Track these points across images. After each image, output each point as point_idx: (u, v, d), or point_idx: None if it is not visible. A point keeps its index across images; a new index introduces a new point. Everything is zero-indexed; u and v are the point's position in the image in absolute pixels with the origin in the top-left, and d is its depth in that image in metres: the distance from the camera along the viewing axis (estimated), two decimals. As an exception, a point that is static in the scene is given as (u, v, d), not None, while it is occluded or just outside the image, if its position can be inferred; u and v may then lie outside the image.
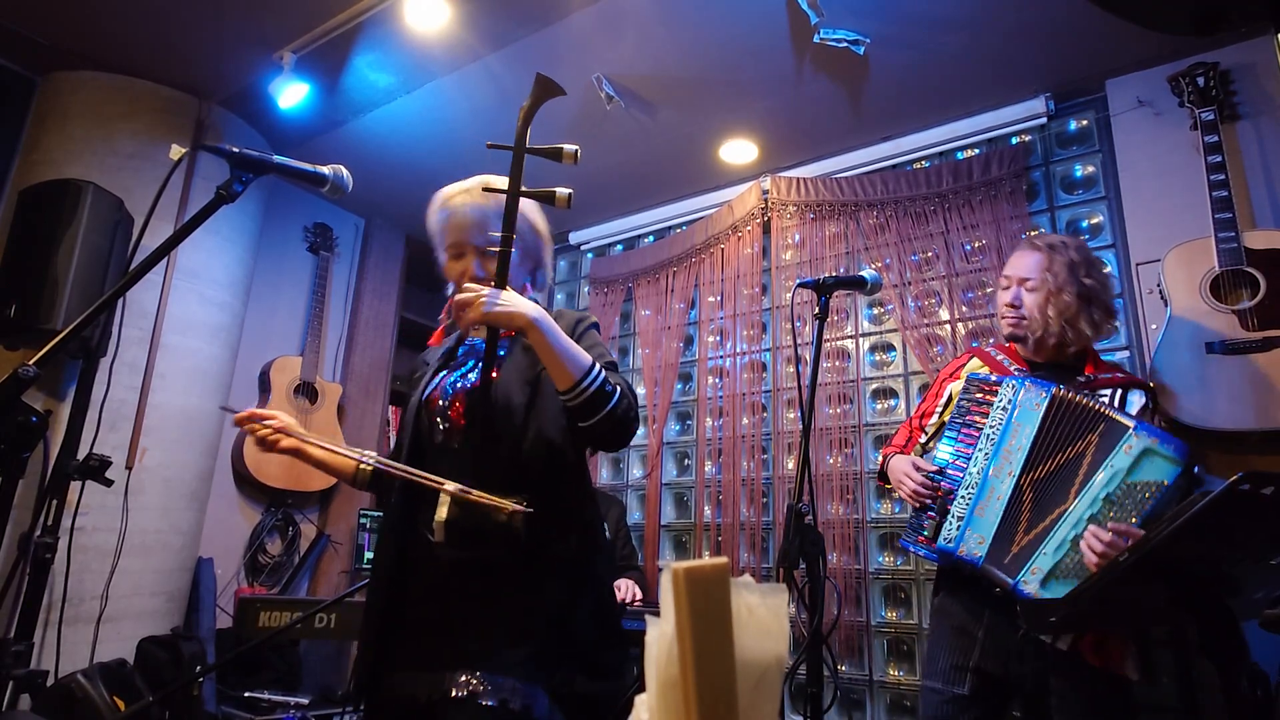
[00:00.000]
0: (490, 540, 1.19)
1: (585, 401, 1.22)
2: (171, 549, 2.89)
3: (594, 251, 4.09)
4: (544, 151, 1.32)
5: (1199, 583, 1.14)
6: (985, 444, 1.70)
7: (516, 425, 1.28)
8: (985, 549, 1.61)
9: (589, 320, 1.43)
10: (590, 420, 1.23)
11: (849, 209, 3.18)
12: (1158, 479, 1.49)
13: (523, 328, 1.22)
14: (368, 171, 3.47)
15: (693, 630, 0.44)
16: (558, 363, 1.22)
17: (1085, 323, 1.76)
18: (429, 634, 1.24)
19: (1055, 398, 1.65)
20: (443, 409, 1.35)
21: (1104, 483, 1.53)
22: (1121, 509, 1.50)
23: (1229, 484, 0.94)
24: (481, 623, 1.22)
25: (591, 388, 1.22)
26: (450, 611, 1.24)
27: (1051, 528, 1.57)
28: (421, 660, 1.23)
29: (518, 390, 1.31)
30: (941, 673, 1.71)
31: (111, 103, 2.93)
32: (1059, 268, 1.79)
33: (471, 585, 1.24)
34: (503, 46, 2.74)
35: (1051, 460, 1.63)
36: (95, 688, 2.12)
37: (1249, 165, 2.43)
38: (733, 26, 2.61)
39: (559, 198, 1.31)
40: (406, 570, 1.30)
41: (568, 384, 1.22)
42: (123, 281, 1.07)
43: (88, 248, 2.50)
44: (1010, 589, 1.55)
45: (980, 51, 2.68)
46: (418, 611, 1.27)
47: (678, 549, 3.39)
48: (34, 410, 1.12)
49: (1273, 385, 2.07)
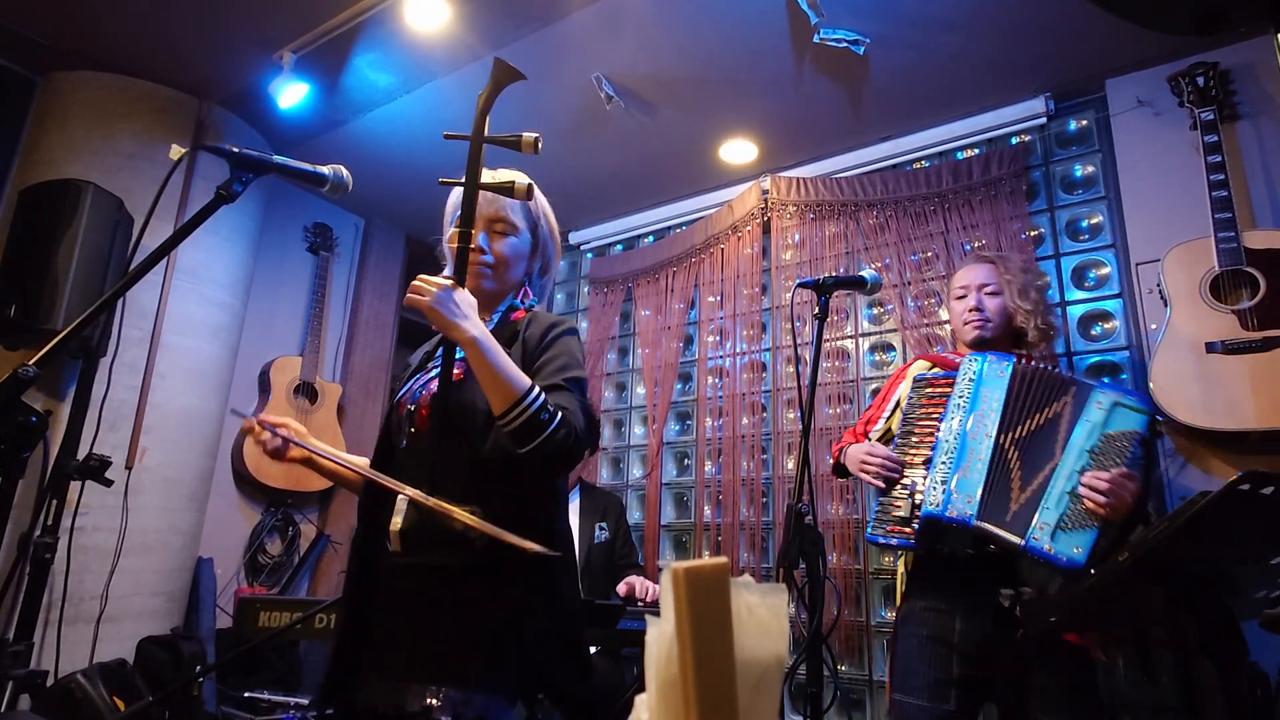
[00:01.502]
0: (445, 548, 1.15)
1: (519, 427, 1.17)
2: (171, 549, 2.89)
3: (594, 251, 4.09)
4: (503, 141, 1.29)
5: (1199, 583, 1.14)
6: (957, 411, 1.75)
7: (475, 428, 1.24)
8: (976, 507, 1.62)
9: (564, 326, 1.38)
10: (525, 447, 1.17)
11: (849, 209, 3.18)
12: (1131, 428, 1.61)
13: (459, 342, 1.18)
14: (368, 171, 3.47)
15: (693, 630, 0.44)
16: (490, 385, 1.18)
17: (1043, 321, 1.91)
18: (391, 643, 1.23)
19: (1018, 365, 1.76)
20: (410, 412, 1.34)
21: (1085, 437, 1.63)
22: (1106, 458, 1.59)
23: (1229, 484, 0.94)
24: (440, 633, 1.20)
25: (527, 413, 1.17)
26: (410, 621, 1.22)
27: (1048, 483, 1.61)
28: (384, 670, 1.22)
29: (480, 395, 1.25)
30: (925, 689, 1.68)
31: (111, 103, 2.93)
32: (1014, 273, 1.94)
33: (430, 594, 1.21)
34: (503, 46, 2.74)
35: (1030, 420, 1.70)
36: (95, 688, 2.12)
37: (1249, 165, 2.43)
38: (733, 26, 2.61)
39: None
40: (372, 578, 1.29)
41: (500, 408, 1.17)
42: (123, 281, 1.07)
43: (88, 248, 2.50)
44: (1021, 547, 1.56)
45: (980, 51, 2.68)
46: (381, 620, 1.26)
47: (678, 549, 3.39)
48: (34, 410, 1.12)
49: (1273, 385, 2.07)
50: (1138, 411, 1.63)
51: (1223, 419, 2.12)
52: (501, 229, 1.40)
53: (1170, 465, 2.34)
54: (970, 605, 1.69)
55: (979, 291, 1.95)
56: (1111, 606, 1.35)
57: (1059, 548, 1.54)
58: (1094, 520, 1.54)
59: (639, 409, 3.67)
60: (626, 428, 3.70)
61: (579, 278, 4.15)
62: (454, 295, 1.20)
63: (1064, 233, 2.81)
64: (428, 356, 1.48)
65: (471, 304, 1.23)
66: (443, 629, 1.20)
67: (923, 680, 1.68)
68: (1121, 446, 1.60)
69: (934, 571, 1.76)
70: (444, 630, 1.20)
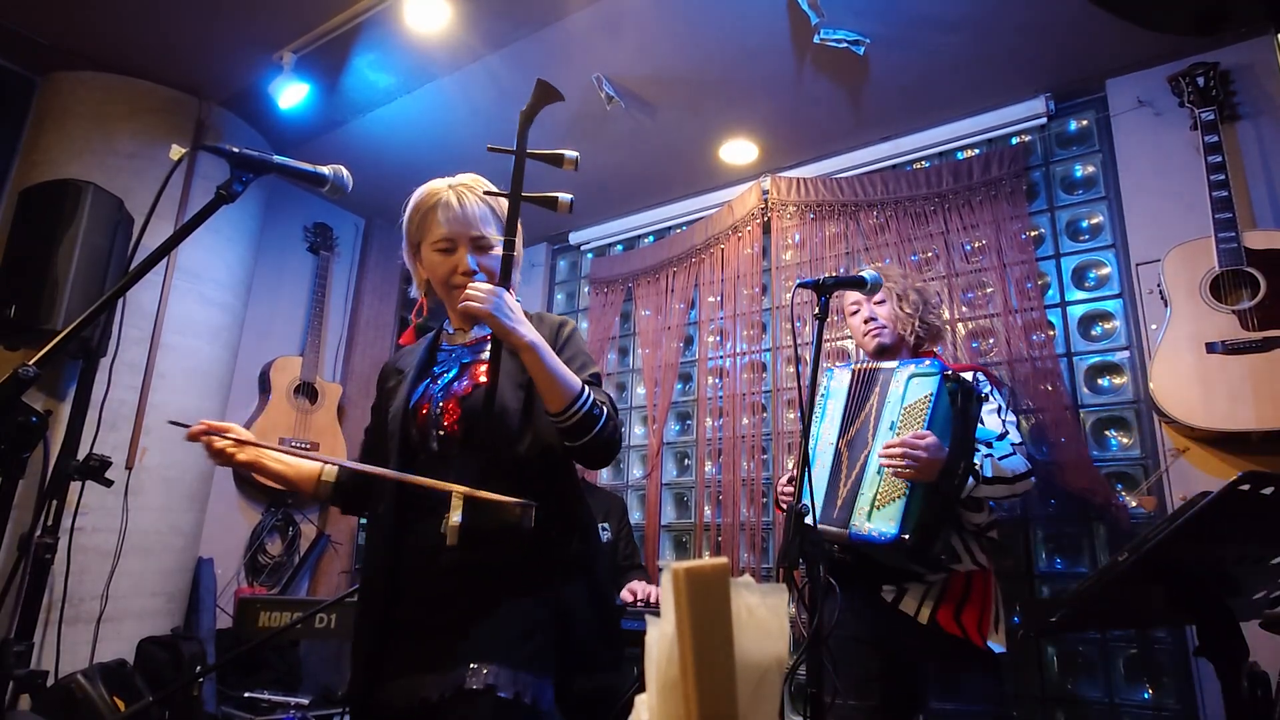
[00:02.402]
0: (500, 541, 1.18)
1: (575, 424, 1.24)
2: (171, 549, 2.89)
3: (594, 251, 4.09)
4: (545, 157, 1.33)
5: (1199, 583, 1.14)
6: (815, 424, 1.90)
7: (514, 430, 1.29)
8: (818, 511, 1.75)
9: (570, 325, 1.43)
10: (579, 441, 1.25)
11: (849, 209, 3.18)
12: (925, 393, 1.73)
13: (517, 347, 1.22)
14: (368, 171, 3.47)
15: (693, 630, 0.44)
16: (549, 387, 1.23)
17: (923, 323, 2.03)
18: (433, 638, 1.23)
19: (855, 371, 1.92)
20: (435, 418, 1.34)
21: (889, 415, 1.77)
22: (908, 429, 1.71)
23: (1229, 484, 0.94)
24: (489, 622, 1.21)
25: (581, 411, 1.24)
26: (456, 616, 1.23)
27: (864, 469, 1.76)
28: (426, 663, 1.22)
29: (512, 395, 1.30)
30: (851, 688, 1.75)
31: (111, 103, 2.93)
32: (894, 279, 2.07)
33: (477, 588, 1.23)
34: (503, 46, 2.74)
35: (857, 420, 1.86)
36: (95, 688, 2.12)
37: (1249, 165, 2.43)
38: (733, 26, 2.61)
39: (560, 204, 1.32)
40: (403, 579, 1.29)
41: (558, 408, 1.23)
42: (123, 281, 1.07)
43: (88, 248, 2.50)
44: (849, 538, 1.70)
45: (980, 51, 2.68)
46: (419, 618, 1.26)
47: (678, 549, 3.39)
48: (34, 410, 1.12)
49: (1273, 385, 2.07)
50: (929, 376, 1.74)
51: (1223, 419, 2.12)
52: (485, 245, 1.41)
53: (1170, 465, 2.34)
54: (864, 604, 1.81)
55: (869, 303, 2.09)
56: (1111, 606, 1.34)
57: (874, 525, 1.66)
58: (902, 487, 1.65)
59: (639, 409, 3.67)
60: (627, 428, 3.70)
61: (579, 278, 4.15)
62: (506, 300, 1.24)
63: (1064, 233, 2.81)
64: (427, 361, 1.47)
65: (518, 308, 1.27)
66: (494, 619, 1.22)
67: (848, 680, 1.74)
68: (919, 411, 1.71)
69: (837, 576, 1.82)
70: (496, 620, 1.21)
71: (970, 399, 1.72)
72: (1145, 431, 2.49)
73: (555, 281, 4.27)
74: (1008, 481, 1.78)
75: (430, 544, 1.23)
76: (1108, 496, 2.41)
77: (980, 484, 1.75)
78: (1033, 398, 2.59)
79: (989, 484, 1.76)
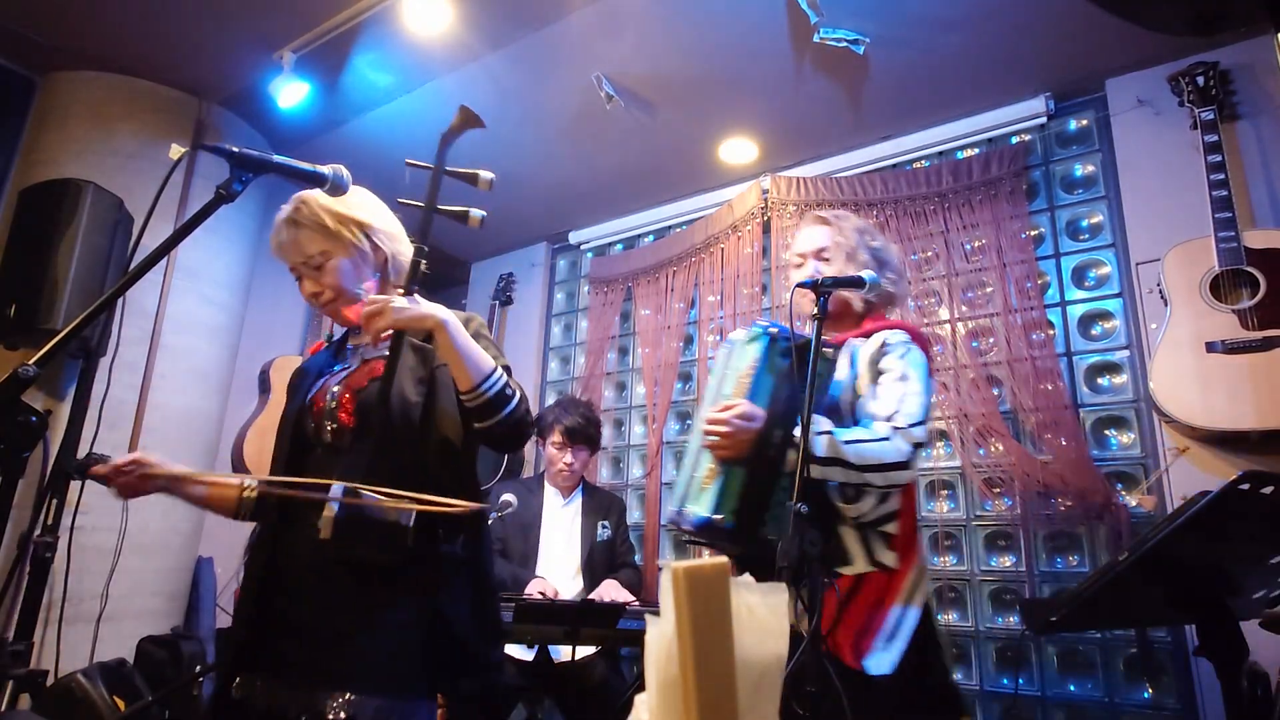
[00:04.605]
0: (378, 540, 1.16)
1: (485, 403, 1.24)
2: (171, 549, 2.89)
3: (594, 251, 4.09)
4: (462, 175, 1.41)
5: (1199, 582, 1.14)
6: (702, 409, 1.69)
7: (414, 424, 1.27)
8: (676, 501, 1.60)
9: (476, 320, 1.42)
10: (488, 421, 1.26)
11: (849, 208, 3.17)
12: (750, 359, 1.56)
13: (432, 329, 1.23)
14: (368, 171, 3.47)
15: (693, 630, 0.44)
16: (461, 364, 1.23)
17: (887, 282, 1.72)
18: (303, 648, 1.21)
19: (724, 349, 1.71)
20: (330, 410, 1.33)
21: (726, 386, 1.59)
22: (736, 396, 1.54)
23: (1229, 484, 0.94)
24: (360, 638, 1.20)
25: (492, 389, 1.24)
26: (328, 625, 1.21)
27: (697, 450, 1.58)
28: (292, 676, 1.20)
29: (411, 388, 1.29)
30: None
31: (111, 103, 2.93)
32: (847, 233, 1.78)
33: (353, 591, 1.21)
34: (503, 46, 2.74)
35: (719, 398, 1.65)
36: (95, 687, 2.12)
37: (1249, 165, 2.43)
38: (733, 26, 2.61)
39: (471, 219, 1.38)
40: (282, 578, 1.27)
41: (469, 385, 1.24)
42: (123, 281, 1.07)
43: (88, 248, 2.50)
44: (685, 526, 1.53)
45: (980, 51, 2.68)
46: (295, 616, 1.24)
47: (678, 549, 3.39)
48: (34, 410, 1.12)
49: (1273, 385, 2.07)
50: (754, 341, 1.58)
51: (1223, 419, 2.12)
52: (316, 263, 1.42)
53: (1170, 465, 2.34)
54: None
55: (815, 259, 1.80)
56: (1111, 606, 1.34)
57: (695, 509, 1.49)
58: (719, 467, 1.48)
59: (639, 408, 3.67)
60: (626, 427, 3.70)
61: (579, 277, 4.15)
62: (407, 299, 1.26)
63: (1064, 232, 2.81)
64: (331, 359, 1.48)
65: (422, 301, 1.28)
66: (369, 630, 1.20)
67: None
68: (743, 380, 1.55)
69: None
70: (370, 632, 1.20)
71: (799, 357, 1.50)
72: (1145, 431, 2.49)
73: (555, 281, 4.27)
74: (849, 467, 1.47)
75: (311, 538, 1.18)
76: (1108, 496, 2.41)
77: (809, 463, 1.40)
78: (1033, 397, 2.59)
79: (821, 464, 1.46)
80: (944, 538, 2.74)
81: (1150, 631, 2.32)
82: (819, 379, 1.51)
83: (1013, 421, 2.67)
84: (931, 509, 2.80)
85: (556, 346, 4.12)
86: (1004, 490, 2.62)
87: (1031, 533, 2.56)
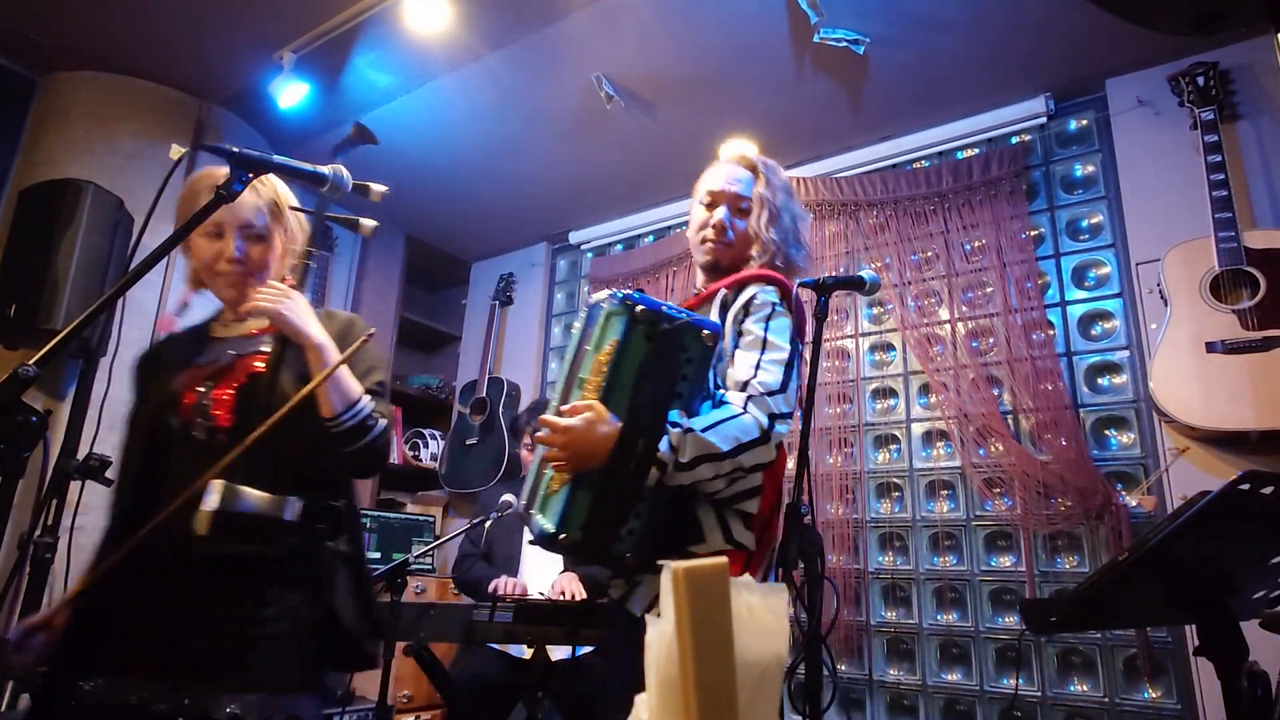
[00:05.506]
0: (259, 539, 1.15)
1: (345, 432, 1.24)
2: (171, 549, 2.89)
3: (594, 251, 4.09)
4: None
5: (1199, 582, 1.14)
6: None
7: (293, 421, 1.21)
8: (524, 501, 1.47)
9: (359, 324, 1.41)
10: (350, 448, 1.25)
11: (849, 209, 3.17)
12: (614, 336, 1.29)
13: (305, 347, 1.24)
14: (368, 172, 3.47)
15: (693, 630, 0.44)
16: (325, 392, 1.22)
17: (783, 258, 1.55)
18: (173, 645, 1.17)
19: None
20: (202, 407, 1.29)
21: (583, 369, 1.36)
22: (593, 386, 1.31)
23: (1229, 484, 0.94)
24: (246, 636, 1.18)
25: (353, 421, 1.24)
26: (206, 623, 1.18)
27: None
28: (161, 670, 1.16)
29: (293, 387, 1.24)
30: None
31: (111, 103, 2.93)
32: (774, 190, 1.58)
33: (232, 587, 1.19)
34: (503, 46, 2.74)
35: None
36: (95, 687, 2.11)
37: (1249, 165, 2.43)
38: (732, 26, 2.61)
39: (363, 226, 1.43)
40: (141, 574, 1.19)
41: (330, 413, 1.22)
42: (123, 281, 1.07)
43: (88, 248, 2.50)
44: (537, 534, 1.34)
45: (980, 51, 2.68)
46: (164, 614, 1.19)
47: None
48: (34, 410, 1.12)
49: (1273, 385, 2.07)
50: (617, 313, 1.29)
51: (1223, 419, 2.12)
52: (254, 234, 1.37)
53: (1170, 465, 2.34)
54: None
55: (729, 206, 1.59)
56: (1111, 606, 1.34)
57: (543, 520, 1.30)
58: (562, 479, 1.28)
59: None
60: (626, 427, 3.70)
61: (579, 277, 4.15)
62: (299, 301, 1.27)
63: (1064, 232, 2.81)
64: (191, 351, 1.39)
65: (309, 309, 1.29)
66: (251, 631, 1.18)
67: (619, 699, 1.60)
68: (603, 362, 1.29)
69: None
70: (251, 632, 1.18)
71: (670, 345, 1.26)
72: (1145, 431, 2.49)
73: (555, 281, 4.27)
74: (716, 458, 1.26)
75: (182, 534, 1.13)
76: (1108, 496, 2.41)
77: (676, 471, 1.25)
78: (1033, 397, 2.59)
79: (688, 469, 1.25)
80: (944, 538, 2.74)
81: (1150, 631, 2.32)
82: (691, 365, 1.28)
83: (1013, 422, 2.67)
84: (931, 509, 2.80)
85: (557, 347, 4.12)
86: (1004, 490, 2.62)
87: (1031, 533, 2.56)
